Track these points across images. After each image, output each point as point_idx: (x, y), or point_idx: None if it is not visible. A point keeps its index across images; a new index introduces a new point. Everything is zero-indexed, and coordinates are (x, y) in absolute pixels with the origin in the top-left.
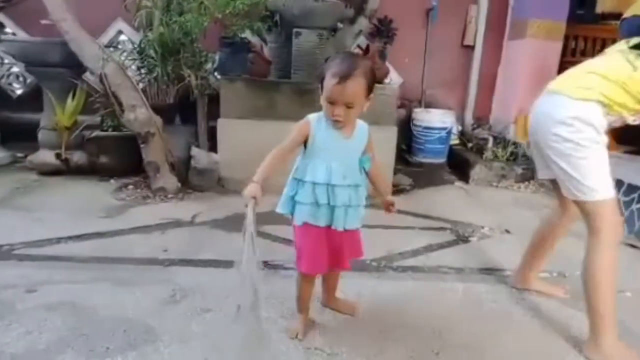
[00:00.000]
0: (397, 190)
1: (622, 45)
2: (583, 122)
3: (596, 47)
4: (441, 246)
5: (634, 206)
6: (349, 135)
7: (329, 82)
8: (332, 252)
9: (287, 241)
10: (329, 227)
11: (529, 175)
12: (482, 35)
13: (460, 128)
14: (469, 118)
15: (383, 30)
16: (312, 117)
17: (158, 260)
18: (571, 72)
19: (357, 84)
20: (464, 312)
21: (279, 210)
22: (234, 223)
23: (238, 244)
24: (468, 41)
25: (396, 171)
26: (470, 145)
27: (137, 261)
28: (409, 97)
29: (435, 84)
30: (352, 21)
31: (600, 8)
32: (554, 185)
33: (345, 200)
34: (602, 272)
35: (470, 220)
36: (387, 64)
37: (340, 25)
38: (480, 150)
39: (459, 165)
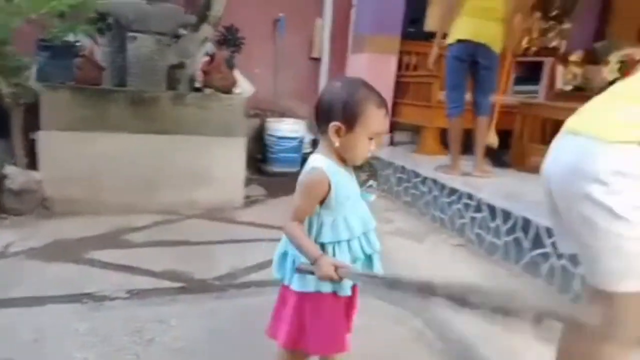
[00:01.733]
0: (250, 201)
1: None
2: (621, 176)
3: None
4: None
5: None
6: (352, 173)
7: (377, 114)
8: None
9: (116, 267)
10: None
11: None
12: (328, 48)
13: (313, 137)
14: None
15: (230, 39)
16: (321, 165)
17: None
18: (597, 103)
19: None
20: None
21: (302, 289)
22: (55, 251)
23: (59, 276)
24: (315, 53)
25: (249, 182)
26: None
27: None
28: (263, 107)
29: (287, 94)
30: (195, 28)
31: (427, 27)
32: None
33: (377, 244)
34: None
35: None
36: (239, 73)
37: (183, 31)
38: None
39: None
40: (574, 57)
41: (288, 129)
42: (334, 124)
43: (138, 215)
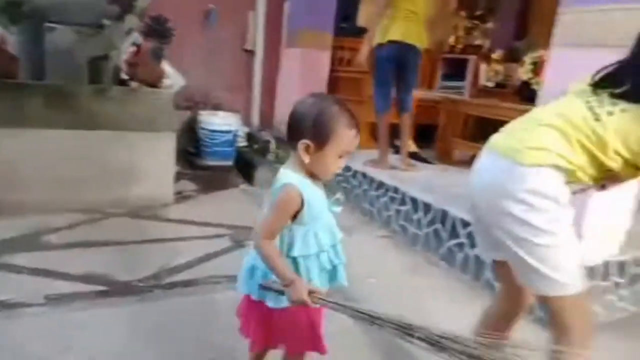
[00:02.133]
0: (181, 197)
1: (583, 83)
2: (540, 196)
3: None
4: (217, 254)
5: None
6: (321, 187)
7: (347, 134)
8: None
9: (33, 271)
10: None
11: None
12: (262, 41)
13: (247, 130)
14: (255, 120)
15: (157, 30)
16: (294, 181)
17: None
18: (518, 124)
19: None
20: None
21: (277, 305)
22: None
23: None
24: (249, 46)
25: (181, 176)
26: (256, 147)
27: None
28: (196, 100)
29: (220, 87)
30: (119, 18)
31: (359, 22)
32: (497, 267)
33: (343, 256)
34: None
35: (249, 224)
36: (168, 65)
37: (107, 22)
38: (264, 152)
39: (245, 167)
40: (495, 56)
41: (221, 122)
42: (303, 142)
43: (58, 215)
